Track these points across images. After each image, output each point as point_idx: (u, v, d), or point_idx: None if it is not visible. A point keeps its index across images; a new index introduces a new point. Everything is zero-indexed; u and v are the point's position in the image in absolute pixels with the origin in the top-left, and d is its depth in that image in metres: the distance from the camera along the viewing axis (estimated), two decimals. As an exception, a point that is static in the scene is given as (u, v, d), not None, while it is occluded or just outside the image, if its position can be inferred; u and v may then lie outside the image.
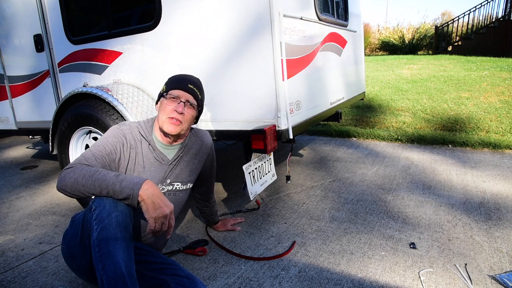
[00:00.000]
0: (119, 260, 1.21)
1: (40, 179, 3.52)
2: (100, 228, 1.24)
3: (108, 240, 1.23)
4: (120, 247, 1.23)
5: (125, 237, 1.26)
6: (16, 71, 3.13)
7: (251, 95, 2.00)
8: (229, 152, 4.11)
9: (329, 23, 2.69)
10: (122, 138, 1.51)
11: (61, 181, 1.31)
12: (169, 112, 1.51)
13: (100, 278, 1.21)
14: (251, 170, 2.05)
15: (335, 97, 2.88)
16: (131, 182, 1.27)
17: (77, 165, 1.34)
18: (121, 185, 1.27)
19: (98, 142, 1.48)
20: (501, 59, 8.07)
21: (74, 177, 1.29)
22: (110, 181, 1.27)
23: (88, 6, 2.64)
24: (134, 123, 1.59)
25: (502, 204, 2.35)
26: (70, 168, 1.32)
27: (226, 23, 1.99)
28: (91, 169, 1.31)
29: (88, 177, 1.28)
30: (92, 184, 1.28)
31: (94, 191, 1.29)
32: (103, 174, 1.29)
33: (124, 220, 1.28)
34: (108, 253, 1.21)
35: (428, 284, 1.57)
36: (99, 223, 1.25)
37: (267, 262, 1.81)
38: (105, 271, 1.20)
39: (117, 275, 1.19)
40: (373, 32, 15.77)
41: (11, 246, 2.14)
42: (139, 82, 2.41)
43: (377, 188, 2.74)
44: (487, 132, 4.08)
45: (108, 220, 1.25)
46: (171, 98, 1.52)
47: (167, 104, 1.53)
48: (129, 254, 1.26)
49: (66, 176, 1.30)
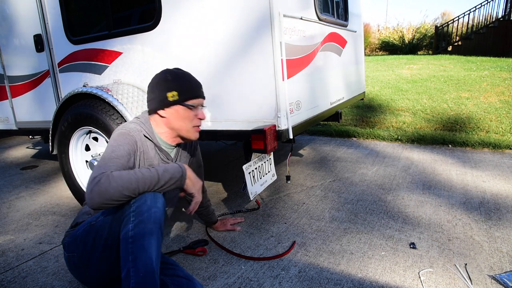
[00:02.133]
0: (152, 255, 1.21)
1: (40, 179, 3.52)
2: (138, 221, 1.23)
3: (144, 234, 1.22)
4: (154, 243, 1.23)
5: (159, 234, 1.27)
6: (16, 71, 3.13)
7: (251, 95, 2.00)
8: (229, 152, 4.11)
9: (329, 23, 2.69)
10: (134, 146, 1.46)
11: (104, 193, 1.20)
12: (195, 121, 1.54)
13: (127, 270, 1.19)
14: (251, 170, 2.05)
15: (335, 97, 2.88)
16: (174, 166, 1.35)
17: (110, 174, 1.24)
18: (169, 171, 1.32)
19: (114, 152, 1.38)
20: (501, 59, 8.07)
21: (121, 184, 1.22)
22: (157, 172, 1.29)
23: (88, 6, 2.64)
24: (136, 125, 1.53)
25: (502, 204, 2.35)
26: (104, 180, 1.21)
27: (226, 23, 1.99)
28: (130, 172, 1.27)
29: (135, 179, 1.24)
30: (143, 182, 1.25)
31: (143, 189, 1.26)
32: (144, 171, 1.28)
33: (161, 217, 1.29)
34: (142, 247, 1.20)
35: (428, 284, 1.57)
36: (137, 216, 1.24)
37: (267, 262, 1.81)
38: (135, 264, 1.19)
39: (148, 269, 1.19)
40: (373, 32, 15.76)
41: (11, 246, 2.14)
42: (139, 82, 2.41)
43: (377, 188, 2.74)
44: (487, 132, 4.08)
45: (148, 214, 1.24)
46: (190, 108, 1.52)
47: (189, 113, 1.52)
48: (159, 252, 1.27)
49: (109, 187, 1.20)
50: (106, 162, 1.31)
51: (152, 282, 1.19)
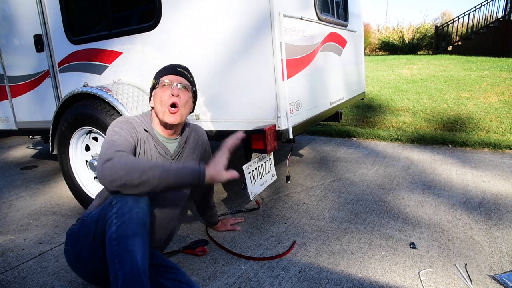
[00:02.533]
0: (137, 256, 1.20)
1: (40, 179, 3.52)
2: (120, 223, 1.23)
3: (127, 236, 1.21)
4: (138, 243, 1.22)
5: (144, 234, 1.26)
6: (16, 71, 3.13)
7: (251, 95, 2.00)
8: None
9: (329, 23, 2.69)
10: (134, 131, 1.47)
11: (115, 171, 1.21)
12: (166, 99, 1.49)
13: (115, 274, 1.19)
14: (251, 170, 2.05)
15: (335, 97, 2.88)
16: (193, 165, 1.36)
17: (121, 153, 1.26)
18: (187, 168, 1.33)
19: (116, 135, 1.39)
20: (501, 59, 8.07)
21: (131, 165, 1.23)
22: (172, 166, 1.30)
23: (88, 6, 2.64)
24: (135, 118, 1.56)
25: (502, 204, 2.35)
26: (118, 157, 1.24)
27: (226, 23, 1.99)
28: (141, 158, 1.28)
29: (146, 163, 1.25)
30: (155, 169, 1.25)
31: (154, 177, 1.25)
32: (159, 161, 1.30)
33: (144, 218, 1.27)
34: (126, 249, 1.20)
35: (428, 284, 1.57)
36: (119, 218, 1.24)
37: (267, 262, 1.81)
38: (122, 266, 1.19)
39: (134, 271, 1.18)
40: (373, 32, 15.76)
41: (11, 246, 2.14)
42: (139, 82, 2.41)
43: (377, 188, 2.74)
44: (487, 132, 4.08)
45: (129, 216, 1.24)
46: (163, 86, 1.50)
47: (161, 92, 1.50)
48: (146, 252, 1.25)
49: (118, 166, 1.22)
50: (113, 144, 1.32)
51: (139, 283, 1.18)
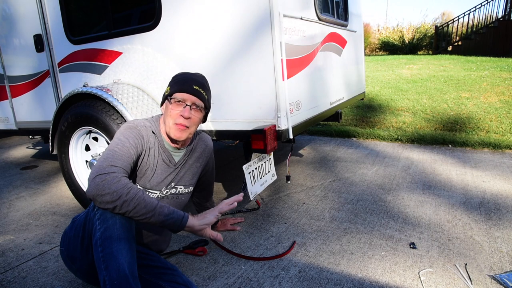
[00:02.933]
0: (123, 261, 1.20)
1: (40, 179, 3.52)
2: (104, 228, 1.23)
3: (112, 241, 1.21)
4: (124, 248, 1.22)
5: (129, 238, 1.25)
6: (16, 71, 3.13)
7: (251, 95, 2.00)
8: (229, 152, 4.11)
9: (329, 23, 2.69)
10: (141, 139, 1.43)
11: (102, 190, 1.18)
12: (175, 118, 1.44)
13: (103, 279, 1.20)
14: (251, 170, 2.05)
15: (335, 97, 2.88)
16: (178, 213, 1.33)
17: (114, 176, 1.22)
18: (169, 211, 1.29)
19: (119, 145, 1.35)
20: (501, 59, 8.07)
21: (119, 192, 1.19)
22: (157, 204, 1.27)
23: (88, 6, 2.63)
24: (146, 121, 1.51)
25: (502, 204, 2.35)
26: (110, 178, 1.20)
27: (226, 23, 1.99)
28: (134, 187, 1.24)
29: (134, 195, 1.22)
30: (138, 202, 1.22)
31: (134, 207, 1.22)
32: (147, 197, 1.26)
33: (128, 221, 1.27)
34: (111, 254, 1.20)
35: (428, 284, 1.57)
36: (102, 223, 1.23)
37: (267, 262, 1.81)
38: (108, 272, 1.19)
39: (121, 276, 1.18)
40: (373, 32, 15.76)
41: (11, 246, 2.14)
42: (139, 82, 2.41)
43: (377, 188, 2.74)
44: (487, 132, 4.08)
45: (113, 221, 1.23)
46: (176, 102, 1.44)
47: (172, 109, 1.45)
48: (132, 255, 1.25)
49: (108, 187, 1.19)
50: (112, 155, 1.30)
51: (126, 287, 1.18)
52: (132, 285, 1.20)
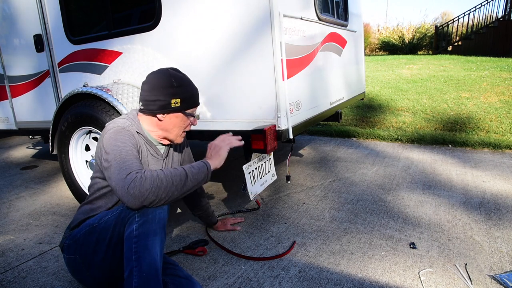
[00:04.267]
0: (156, 255, 1.23)
1: (40, 179, 3.52)
2: (143, 221, 1.24)
3: (148, 234, 1.23)
4: (158, 243, 1.25)
5: (162, 235, 1.29)
6: (16, 71, 3.13)
7: (251, 95, 2.00)
8: (229, 152, 4.09)
9: (329, 23, 2.69)
10: (134, 139, 1.44)
11: (148, 191, 1.19)
12: (186, 128, 1.58)
13: (130, 270, 1.20)
14: (251, 170, 2.05)
15: (335, 97, 2.88)
16: (199, 164, 1.40)
17: (149, 173, 1.24)
18: (195, 167, 1.36)
19: (123, 152, 1.32)
20: (501, 59, 8.07)
21: (156, 183, 1.21)
22: (184, 170, 1.31)
23: (88, 6, 2.63)
24: (126, 121, 1.49)
25: (502, 204, 2.35)
26: (139, 178, 1.20)
27: (226, 23, 1.99)
28: (159, 171, 1.26)
29: (165, 177, 1.25)
30: (174, 180, 1.26)
31: (177, 187, 1.27)
32: (172, 170, 1.30)
33: (165, 218, 1.30)
34: (146, 246, 1.22)
35: (428, 284, 1.57)
36: (142, 216, 1.25)
37: (267, 262, 1.81)
38: (139, 263, 1.20)
39: (152, 269, 1.20)
40: (373, 32, 15.77)
41: (11, 246, 2.14)
42: (139, 82, 2.41)
43: (377, 188, 2.74)
44: (487, 132, 4.08)
45: (152, 215, 1.26)
46: (189, 116, 1.55)
47: (184, 120, 1.54)
48: (162, 252, 1.29)
49: (142, 186, 1.19)
50: (123, 163, 1.27)
51: (155, 281, 1.20)
52: (160, 280, 1.22)
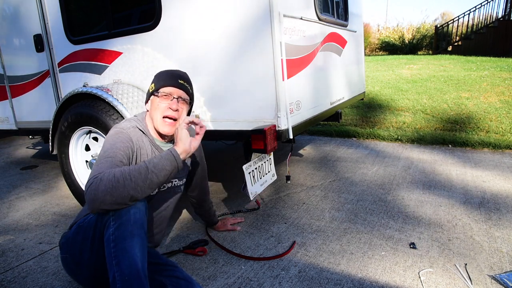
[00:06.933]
0: (135, 257, 1.20)
1: (40, 179, 3.52)
2: (117, 224, 1.22)
3: (125, 237, 1.21)
4: (136, 244, 1.22)
5: (141, 234, 1.25)
6: (16, 71, 3.13)
7: (251, 95, 2.00)
8: (229, 152, 4.11)
9: (329, 23, 2.69)
10: (130, 143, 1.44)
11: (95, 197, 1.17)
12: (163, 110, 1.49)
13: (113, 275, 1.19)
14: (251, 170, 2.05)
15: (335, 97, 2.88)
16: (163, 153, 1.32)
17: (107, 174, 1.22)
18: (158, 157, 1.29)
19: (108, 151, 1.36)
20: (501, 59, 8.07)
21: (109, 185, 1.19)
22: (144, 163, 1.26)
23: (88, 6, 2.63)
24: (131, 122, 1.53)
25: (502, 204, 2.35)
26: (95, 183, 1.19)
27: (226, 23, 1.99)
28: (116, 170, 1.22)
29: (121, 175, 1.20)
30: (131, 176, 1.21)
31: (136, 184, 1.21)
32: (131, 167, 1.25)
33: (142, 218, 1.27)
34: (124, 249, 1.19)
35: (428, 284, 1.57)
36: (117, 219, 1.23)
37: (267, 262, 1.81)
38: (120, 268, 1.18)
39: (132, 272, 1.18)
40: (373, 32, 15.77)
41: (11, 246, 2.14)
42: (139, 82, 2.41)
43: (377, 188, 2.74)
44: (487, 132, 4.08)
45: (127, 217, 1.23)
46: (163, 96, 1.50)
47: (160, 102, 1.50)
48: (144, 252, 1.25)
49: (97, 190, 1.18)
50: (98, 164, 1.31)
51: (138, 283, 1.17)
52: (144, 282, 1.19)
